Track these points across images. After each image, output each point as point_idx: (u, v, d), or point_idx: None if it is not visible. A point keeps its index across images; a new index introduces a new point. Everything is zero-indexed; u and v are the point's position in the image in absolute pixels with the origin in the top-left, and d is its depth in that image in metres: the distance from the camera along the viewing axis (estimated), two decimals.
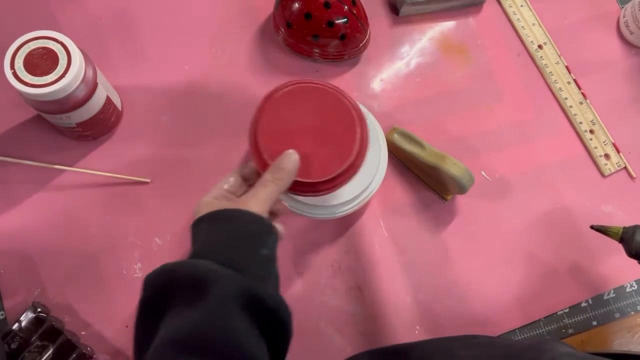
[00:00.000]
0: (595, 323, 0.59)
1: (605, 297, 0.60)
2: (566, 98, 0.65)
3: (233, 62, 0.61)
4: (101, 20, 0.60)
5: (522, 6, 0.68)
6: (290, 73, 0.62)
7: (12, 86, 0.45)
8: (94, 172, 0.55)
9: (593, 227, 0.54)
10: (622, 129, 0.65)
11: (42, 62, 0.46)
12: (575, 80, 0.66)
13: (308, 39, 0.58)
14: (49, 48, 0.46)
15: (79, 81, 0.47)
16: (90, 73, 0.48)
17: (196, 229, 0.40)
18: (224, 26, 0.62)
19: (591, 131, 0.64)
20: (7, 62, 0.45)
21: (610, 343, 0.59)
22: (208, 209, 0.40)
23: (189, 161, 0.58)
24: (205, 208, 0.40)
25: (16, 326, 0.48)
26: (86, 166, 0.56)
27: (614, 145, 0.64)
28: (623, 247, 0.52)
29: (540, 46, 0.67)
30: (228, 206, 0.40)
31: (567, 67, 0.66)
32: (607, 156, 0.64)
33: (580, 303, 0.59)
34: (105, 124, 0.55)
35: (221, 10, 0.63)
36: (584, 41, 0.68)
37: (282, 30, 0.59)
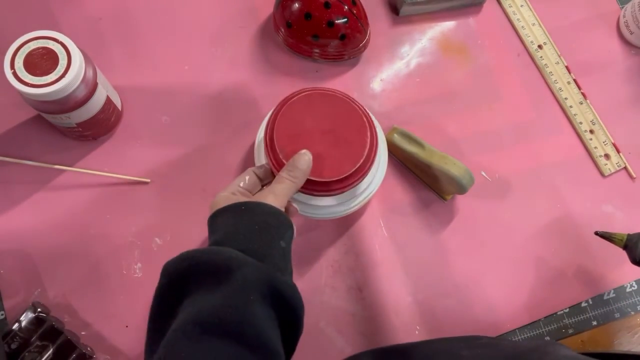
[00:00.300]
0: (595, 323, 0.59)
1: (605, 297, 0.60)
2: (566, 98, 0.65)
3: (233, 62, 0.61)
4: (101, 20, 0.60)
5: (522, 6, 0.68)
6: (290, 73, 0.62)
7: (12, 86, 0.45)
8: (94, 172, 0.55)
9: (597, 234, 0.54)
10: (622, 129, 0.65)
11: (42, 62, 0.45)
12: (575, 80, 0.66)
13: (308, 39, 0.58)
14: (49, 48, 0.46)
15: (79, 81, 0.47)
16: (90, 73, 0.48)
17: (215, 220, 0.41)
18: (224, 26, 0.62)
19: (591, 131, 0.64)
20: (7, 62, 0.45)
21: (610, 343, 0.59)
22: (226, 203, 0.41)
23: (189, 161, 0.57)
24: (223, 201, 0.42)
25: (16, 326, 0.48)
26: (86, 166, 0.56)
27: (614, 145, 0.64)
28: (627, 254, 0.51)
29: (540, 46, 0.67)
30: (247, 200, 0.41)
31: (567, 67, 0.66)
32: (607, 156, 0.64)
33: (580, 303, 0.59)
34: (105, 124, 0.55)
35: (221, 10, 0.63)
36: (584, 41, 0.68)
37: (282, 30, 0.59)
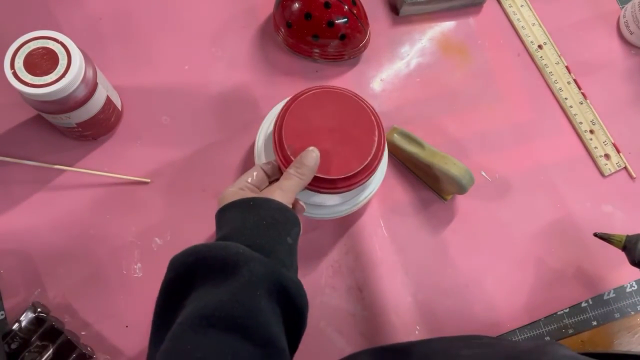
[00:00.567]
0: (595, 323, 0.59)
1: (605, 297, 0.60)
2: (566, 98, 0.65)
3: (233, 62, 0.61)
4: (101, 20, 0.60)
5: (522, 6, 0.68)
6: (290, 73, 0.62)
7: (12, 86, 0.45)
8: (94, 172, 0.55)
9: (596, 235, 0.54)
10: (622, 129, 0.65)
11: (42, 62, 0.45)
12: (575, 80, 0.66)
13: (308, 39, 0.58)
14: (49, 48, 0.46)
15: (79, 81, 0.47)
16: (90, 73, 0.48)
17: (223, 215, 0.41)
18: (224, 26, 0.62)
19: (591, 131, 0.64)
20: (7, 62, 0.45)
21: (610, 343, 0.59)
22: (234, 198, 0.41)
23: (189, 161, 0.57)
24: (231, 197, 0.42)
25: (16, 326, 0.48)
26: (86, 166, 0.56)
27: (614, 145, 0.64)
28: (626, 255, 0.51)
29: (540, 46, 0.67)
30: (255, 195, 0.42)
31: (567, 67, 0.66)
32: (607, 156, 0.64)
33: (580, 303, 0.59)
34: (105, 124, 0.55)
35: (221, 10, 0.63)
36: (584, 41, 0.68)
37: (282, 30, 0.59)
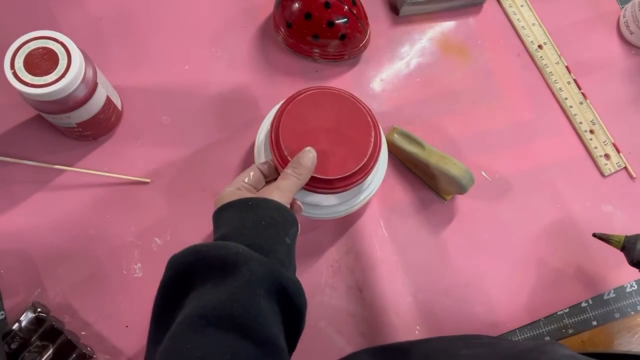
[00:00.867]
0: (595, 323, 0.59)
1: (605, 297, 0.60)
2: (566, 98, 0.65)
3: (233, 62, 0.61)
4: (101, 20, 0.60)
5: (522, 6, 0.68)
6: (290, 73, 0.62)
7: (12, 86, 0.45)
8: (94, 172, 0.55)
9: (595, 235, 0.54)
10: (622, 129, 0.65)
11: (42, 62, 0.45)
12: (575, 80, 0.66)
13: (308, 39, 0.58)
14: (49, 48, 0.46)
15: (79, 81, 0.47)
16: (90, 73, 0.48)
17: (220, 215, 0.41)
18: (224, 26, 0.62)
19: (591, 131, 0.64)
20: (7, 62, 0.45)
21: (610, 343, 0.59)
22: (232, 198, 0.41)
23: (189, 161, 0.57)
24: (229, 197, 0.42)
25: (16, 326, 0.48)
26: (86, 166, 0.56)
27: (614, 145, 0.64)
28: (625, 256, 0.51)
29: (540, 46, 0.67)
30: (253, 196, 0.42)
31: (567, 67, 0.66)
32: (607, 156, 0.64)
33: (580, 303, 0.59)
34: (105, 124, 0.55)
35: (221, 10, 0.63)
36: (584, 41, 0.68)
37: (282, 30, 0.59)
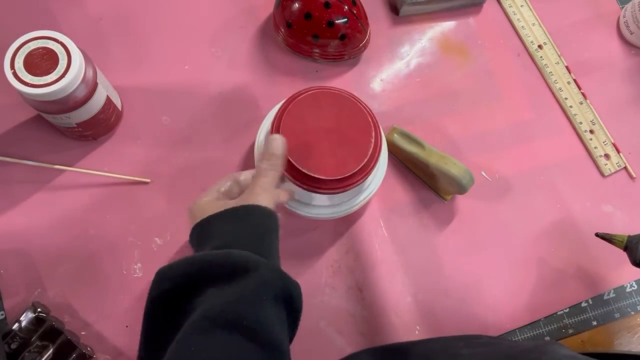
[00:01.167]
0: (595, 323, 0.59)
1: (605, 297, 0.60)
2: (566, 98, 0.65)
3: (233, 62, 0.61)
4: (101, 20, 0.60)
5: (522, 6, 0.68)
6: (290, 73, 0.62)
7: (12, 86, 0.45)
8: (94, 172, 0.55)
9: (598, 235, 0.54)
10: (622, 129, 0.65)
11: (42, 62, 0.45)
12: (575, 80, 0.66)
13: (308, 39, 0.58)
14: (49, 48, 0.46)
15: (79, 81, 0.47)
16: (90, 73, 0.48)
17: (209, 227, 0.40)
18: (224, 26, 0.62)
19: (591, 131, 0.64)
20: (7, 62, 0.45)
21: (610, 343, 0.59)
22: (215, 209, 0.41)
23: (189, 161, 0.57)
24: (210, 208, 0.41)
25: (16, 326, 0.48)
26: (86, 166, 0.56)
27: (614, 145, 0.64)
28: (627, 256, 0.51)
29: (540, 46, 0.67)
30: (237, 204, 0.41)
31: (567, 67, 0.66)
32: (607, 156, 0.64)
33: (580, 303, 0.59)
34: (105, 124, 0.55)
35: (221, 10, 0.63)
36: (584, 41, 0.68)
37: (282, 30, 0.59)
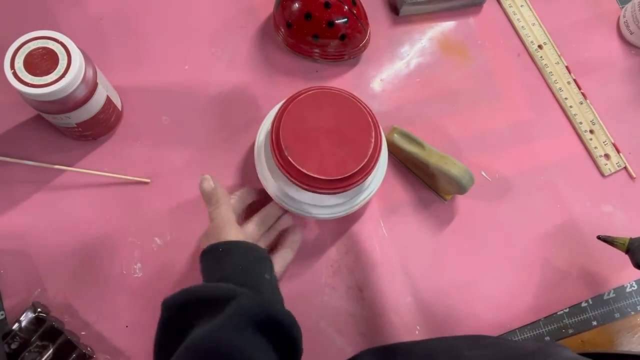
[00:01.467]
0: (595, 323, 0.59)
1: (605, 297, 0.60)
2: (566, 98, 0.65)
3: (233, 62, 0.61)
4: (101, 20, 0.60)
5: (522, 6, 0.68)
6: (290, 73, 0.62)
7: (12, 86, 0.45)
8: (94, 172, 0.55)
9: (600, 238, 0.54)
10: (622, 129, 0.65)
11: (42, 62, 0.45)
12: (575, 80, 0.66)
13: (308, 39, 0.58)
14: (49, 48, 0.46)
15: (79, 81, 0.47)
16: (90, 73, 0.48)
17: (204, 261, 0.45)
18: (224, 26, 0.62)
19: (591, 131, 0.64)
20: (7, 62, 0.45)
21: (610, 343, 0.59)
22: (225, 235, 0.45)
23: (189, 161, 0.57)
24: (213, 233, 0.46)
25: (16, 326, 0.48)
26: (86, 166, 0.56)
27: (614, 145, 0.64)
28: (629, 258, 0.51)
29: (540, 46, 0.67)
30: (220, 241, 0.44)
31: (567, 67, 0.66)
32: (607, 156, 0.64)
33: (580, 303, 0.59)
34: (105, 124, 0.55)
35: (221, 10, 0.63)
36: (584, 41, 0.68)
37: (282, 30, 0.59)
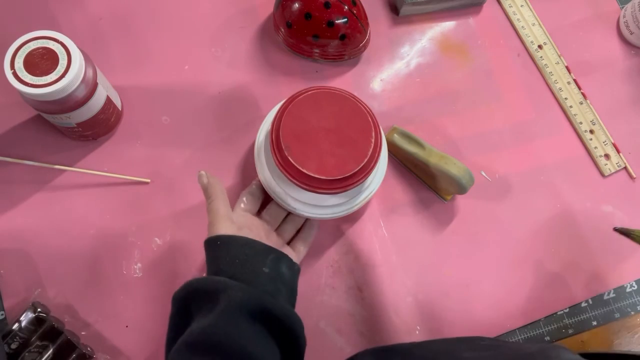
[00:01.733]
0: (595, 323, 0.59)
1: (605, 297, 0.60)
2: (566, 98, 0.65)
3: (233, 62, 0.61)
4: (101, 20, 0.60)
5: (522, 6, 0.68)
6: (290, 73, 0.62)
7: (12, 86, 0.45)
8: (94, 172, 0.55)
9: (616, 229, 0.54)
10: (622, 129, 0.65)
11: (42, 62, 0.45)
12: (575, 80, 0.66)
13: (308, 39, 0.58)
14: (49, 48, 0.46)
15: (79, 81, 0.47)
16: (90, 73, 0.48)
17: (207, 250, 0.46)
18: (224, 26, 0.62)
19: (591, 131, 0.64)
20: (7, 62, 0.45)
21: (610, 343, 0.59)
22: (225, 228, 0.46)
23: (189, 161, 0.57)
24: (224, 226, 0.47)
25: (16, 326, 0.48)
26: (86, 166, 0.56)
27: (614, 145, 0.64)
28: None
29: (540, 46, 0.67)
30: (220, 234, 0.45)
31: (567, 67, 0.66)
32: (607, 156, 0.64)
33: (580, 303, 0.59)
34: (105, 124, 0.55)
35: (221, 10, 0.63)
36: (584, 41, 0.68)
37: (282, 30, 0.59)
